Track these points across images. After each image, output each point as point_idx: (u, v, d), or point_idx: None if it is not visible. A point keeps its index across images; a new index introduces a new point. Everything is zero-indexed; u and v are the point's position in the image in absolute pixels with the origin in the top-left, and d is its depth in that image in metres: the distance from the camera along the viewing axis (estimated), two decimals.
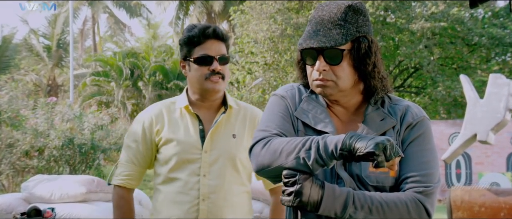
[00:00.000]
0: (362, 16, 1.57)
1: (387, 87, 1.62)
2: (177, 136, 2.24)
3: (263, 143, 1.53)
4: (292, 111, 1.64)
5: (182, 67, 2.31)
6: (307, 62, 1.60)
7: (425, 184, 1.51)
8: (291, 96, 1.67)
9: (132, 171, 2.33)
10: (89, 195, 5.48)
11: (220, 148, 2.22)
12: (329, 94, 1.58)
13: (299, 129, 1.61)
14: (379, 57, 1.60)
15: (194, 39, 2.20)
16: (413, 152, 1.55)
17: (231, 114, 2.29)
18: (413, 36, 15.98)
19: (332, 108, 1.65)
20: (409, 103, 1.64)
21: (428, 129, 1.60)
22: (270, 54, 16.93)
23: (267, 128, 1.59)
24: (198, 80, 2.23)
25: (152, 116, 2.31)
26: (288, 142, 1.48)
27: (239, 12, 17.99)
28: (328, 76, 1.55)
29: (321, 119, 1.60)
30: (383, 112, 1.60)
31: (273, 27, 16.26)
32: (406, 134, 1.58)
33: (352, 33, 1.53)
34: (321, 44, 1.53)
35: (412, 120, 1.59)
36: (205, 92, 2.24)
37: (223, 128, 2.26)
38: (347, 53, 1.54)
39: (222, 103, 2.31)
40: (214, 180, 2.19)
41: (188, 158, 2.21)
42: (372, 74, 1.57)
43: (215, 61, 2.20)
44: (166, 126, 2.27)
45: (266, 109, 1.70)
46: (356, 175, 1.53)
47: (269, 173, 1.51)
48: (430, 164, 1.54)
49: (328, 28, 1.54)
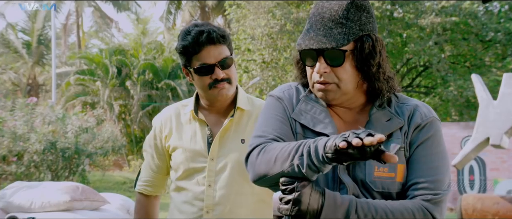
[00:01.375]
0: (365, 12, 1.56)
1: (394, 88, 1.62)
2: (183, 143, 2.25)
3: (258, 151, 1.53)
4: (290, 112, 1.64)
5: (186, 74, 2.30)
6: (306, 63, 1.60)
7: (433, 191, 1.51)
8: (288, 97, 1.67)
9: (151, 177, 2.40)
10: (73, 204, 5.46)
11: (228, 155, 2.20)
12: (331, 99, 1.58)
13: (298, 131, 1.61)
14: (385, 57, 1.60)
15: (188, 49, 2.17)
16: (422, 156, 1.55)
17: (242, 117, 2.27)
18: (422, 32, 15.98)
19: (334, 108, 1.65)
20: (418, 103, 1.64)
21: (438, 131, 1.60)
22: (268, 52, 16.95)
23: (264, 133, 1.59)
24: (202, 89, 2.22)
25: (161, 120, 2.34)
26: (282, 148, 1.47)
27: (235, 6, 18.02)
28: (330, 78, 1.55)
29: (320, 120, 1.60)
30: (389, 112, 1.59)
31: (272, 23, 16.29)
32: (414, 136, 1.57)
33: (354, 32, 1.53)
34: (322, 45, 1.52)
35: (420, 121, 1.58)
36: (212, 100, 2.24)
37: (232, 133, 2.24)
38: (349, 54, 1.54)
39: (233, 105, 2.29)
40: (220, 190, 2.18)
41: (195, 167, 2.21)
42: (377, 75, 1.57)
43: (216, 69, 2.16)
44: (173, 132, 2.29)
45: (262, 111, 1.69)
46: (360, 180, 1.53)
47: (267, 182, 1.51)
48: (440, 169, 1.54)
49: (329, 27, 1.53)
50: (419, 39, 16.04)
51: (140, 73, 23.58)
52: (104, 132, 12.18)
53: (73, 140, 10.58)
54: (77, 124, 10.93)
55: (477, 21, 15.85)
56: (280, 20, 16.23)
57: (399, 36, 16.95)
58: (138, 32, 33.64)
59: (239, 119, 2.26)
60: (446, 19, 15.19)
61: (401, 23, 16.26)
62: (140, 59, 24.17)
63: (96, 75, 23.56)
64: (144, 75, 23.62)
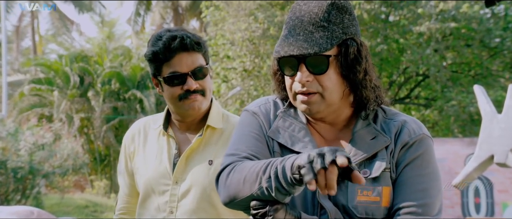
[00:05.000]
0: (347, 14, 1.58)
1: (381, 98, 1.64)
2: (147, 162, 2.25)
3: (229, 170, 1.54)
4: (266, 129, 1.66)
5: (155, 85, 2.30)
6: (286, 72, 1.61)
7: (422, 217, 1.53)
8: (264, 112, 1.69)
9: (126, 203, 2.40)
10: None
11: (193, 178, 2.18)
12: (315, 112, 1.59)
13: (275, 150, 1.63)
14: (370, 63, 1.62)
15: (159, 56, 2.17)
16: (409, 177, 1.57)
17: (213, 135, 2.25)
18: (420, 38, 16.05)
19: (314, 124, 1.66)
20: (406, 118, 1.65)
21: (429, 149, 1.62)
22: (249, 59, 16.99)
23: (236, 151, 1.61)
24: (172, 101, 2.21)
25: (130, 135, 2.35)
26: (251, 168, 1.49)
27: (213, 7, 18.04)
28: (313, 88, 1.56)
29: (299, 138, 1.62)
30: (374, 129, 1.61)
31: (253, 26, 16.34)
32: (401, 155, 1.59)
33: (338, 35, 1.54)
34: (303, 50, 1.53)
35: (408, 139, 1.60)
36: (182, 114, 2.23)
37: (199, 153, 2.22)
38: (333, 59, 1.55)
39: (206, 120, 2.28)
40: (183, 216, 2.17)
41: (156, 190, 2.20)
42: (364, 83, 1.59)
43: (189, 79, 2.16)
44: (140, 149, 2.29)
45: (236, 128, 1.71)
46: (342, 205, 1.54)
47: (238, 205, 1.53)
48: (429, 192, 1.56)
49: (310, 31, 1.54)
50: (417, 46, 16.10)
51: (105, 82, 23.45)
52: (63, 149, 12.11)
53: (27, 159, 10.49)
54: (32, 140, 10.84)
55: (482, 25, 15.90)
56: (262, 24, 16.28)
57: (395, 42, 17.03)
58: (103, 36, 33.45)
59: (209, 138, 2.25)
60: (444, 24, 15.21)
61: (397, 28, 16.33)
62: (105, 66, 24.05)
63: (54, 84, 23.37)
64: (109, 84, 23.50)
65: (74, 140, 17.87)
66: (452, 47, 16.59)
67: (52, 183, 12.28)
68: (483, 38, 16.23)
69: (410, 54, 16.11)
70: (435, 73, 15.97)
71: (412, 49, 16.05)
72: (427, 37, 15.84)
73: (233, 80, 17.51)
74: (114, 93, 23.66)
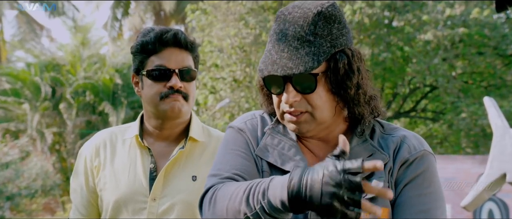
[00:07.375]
0: (336, 23, 1.58)
1: (378, 109, 1.65)
2: (117, 177, 2.22)
3: (210, 196, 1.55)
4: (254, 147, 1.67)
5: (135, 83, 2.31)
6: (272, 91, 1.62)
7: None
8: (251, 128, 1.71)
9: None
10: None
11: (174, 195, 2.17)
12: (305, 131, 1.61)
13: (264, 170, 1.64)
14: (364, 73, 1.62)
15: (148, 46, 2.20)
16: (409, 197, 1.59)
17: (195, 149, 2.26)
18: (427, 46, 16.07)
19: (306, 141, 1.68)
20: (406, 133, 1.67)
21: (431, 167, 1.63)
22: (240, 68, 16.99)
23: (219, 171, 1.62)
24: (152, 100, 2.22)
25: (92, 147, 2.31)
26: (232, 194, 1.49)
27: (199, 11, 18.03)
28: (301, 107, 1.58)
29: (289, 157, 1.63)
30: (371, 145, 1.63)
31: (244, 32, 16.34)
32: (400, 174, 1.61)
33: (325, 50, 1.54)
34: (287, 71, 1.54)
35: (408, 156, 1.62)
36: (162, 116, 2.22)
37: (181, 168, 2.23)
38: (322, 76, 1.57)
39: (185, 134, 2.29)
40: None
41: (130, 209, 2.18)
42: (356, 98, 1.60)
43: (174, 76, 2.19)
44: (107, 162, 2.26)
45: (220, 146, 1.73)
46: None
47: None
48: (432, 213, 1.58)
49: (294, 47, 1.54)
50: (424, 54, 16.11)
51: (78, 94, 23.40)
52: (31, 168, 12.08)
53: None
54: None
55: (495, 32, 15.88)
56: (254, 29, 16.29)
57: (399, 50, 17.05)
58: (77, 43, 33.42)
59: (191, 152, 2.26)
60: (453, 31, 15.17)
61: (401, 35, 16.35)
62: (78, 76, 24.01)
63: (22, 96, 23.30)
64: (83, 96, 23.46)
65: (44, 158, 17.80)
66: (463, 55, 16.57)
67: (18, 206, 12.20)
68: (497, 45, 16.23)
69: (416, 63, 16.11)
70: (444, 84, 15.96)
71: (418, 57, 16.03)
72: (435, 44, 15.82)
73: (222, 91, 17.48)
74: (89, 105, 23.61)
